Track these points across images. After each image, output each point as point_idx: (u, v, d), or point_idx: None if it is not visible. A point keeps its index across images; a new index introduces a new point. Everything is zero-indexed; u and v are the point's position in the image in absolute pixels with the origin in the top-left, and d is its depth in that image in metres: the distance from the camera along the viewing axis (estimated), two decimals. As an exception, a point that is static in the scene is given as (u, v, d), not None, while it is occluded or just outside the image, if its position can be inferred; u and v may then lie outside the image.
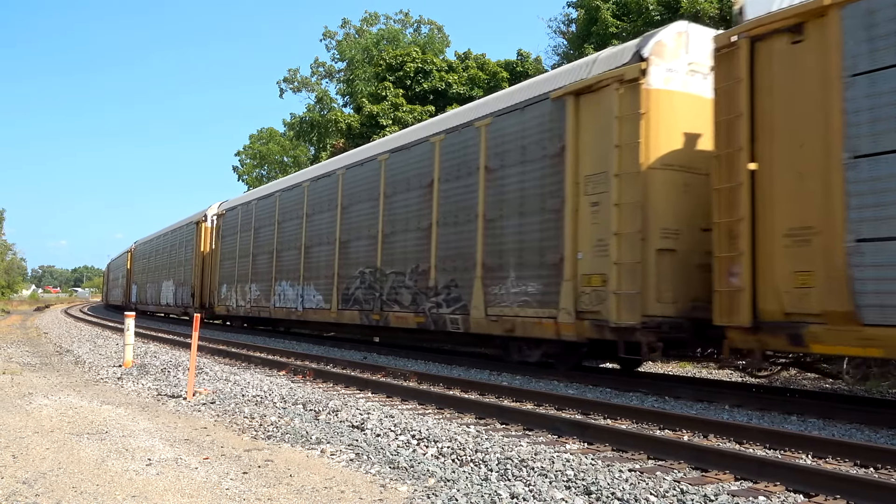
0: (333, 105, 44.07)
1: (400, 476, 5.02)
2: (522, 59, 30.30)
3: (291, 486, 4.75)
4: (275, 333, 22.57)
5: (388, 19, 44.52)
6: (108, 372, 11.42)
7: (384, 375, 11.14)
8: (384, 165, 15.59)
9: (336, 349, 16.61)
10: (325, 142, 40.50)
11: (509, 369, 11.87)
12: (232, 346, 16.91)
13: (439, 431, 6.52)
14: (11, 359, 13.67)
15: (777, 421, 7.48)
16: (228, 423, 7.09)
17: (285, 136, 54.11)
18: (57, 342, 18.65)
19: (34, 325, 29.59)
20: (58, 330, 25.00)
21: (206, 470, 5.12)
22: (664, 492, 4.60)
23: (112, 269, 61.75)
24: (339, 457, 5.63)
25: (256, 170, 57.04)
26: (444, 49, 40.75)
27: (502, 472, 5.11)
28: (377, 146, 16.86)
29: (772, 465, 5.09)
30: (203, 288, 27.77)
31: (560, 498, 4.44)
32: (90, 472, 5.01)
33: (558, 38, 29.44)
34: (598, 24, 22.14)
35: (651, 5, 19.84)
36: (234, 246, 24.38)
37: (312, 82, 48.82)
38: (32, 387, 9.55)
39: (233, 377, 10.55)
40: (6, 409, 7.64)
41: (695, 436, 6.61)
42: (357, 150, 18.39)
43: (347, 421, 7.11)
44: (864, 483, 4.58)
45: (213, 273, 26.28)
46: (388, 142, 16.41)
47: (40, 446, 5.83)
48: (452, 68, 30.35)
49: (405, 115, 27.79)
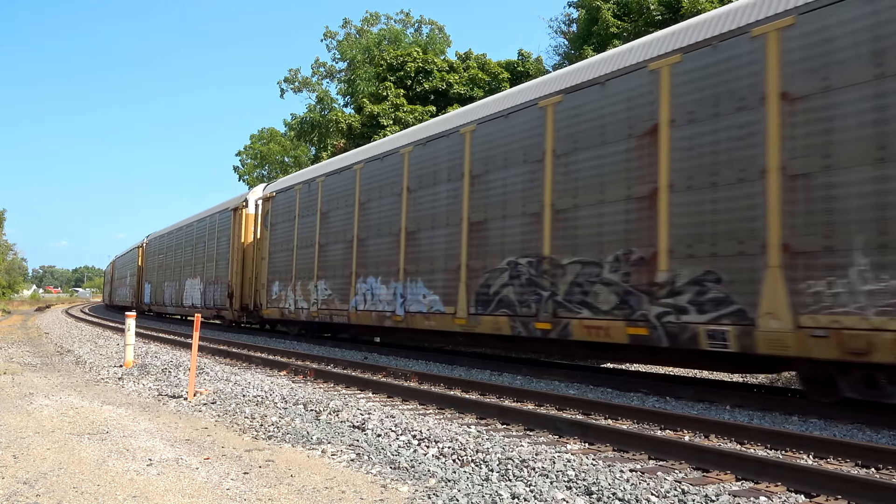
0: (334, 105, 44.09)
1: (401, 476, 5.02)
2: (523, 59, 30.30)
3: (292, 486, 4.75)
4: (277, 333, 22.26)
5: (389, 19, 44.54)
6: (109, 372, 11.43)
7: (385, 375, 11.14)
8: (551, 111, 11.05)
9: (337, 349, 16.60)
10: (326, 142, 40.49)
11: (511, 369, 11.84)
12: (233, 346, 16.92)
13: (440, 432, 6.52)
14: (12, 359, 13.68)
15: (778, 421, 7.48)
16: (229, 424, 7.09)
17: (286, 136, 54.17)
18: (58, 342, 18.65)
19: (35, 325, 29.60)
20: (58, 330, 25.01)
21: (207, 470, 5.12)
22: (665, 492, 4.60)
23: (118, 266, 55.15)
24: (339, 457, 5.63)
25: (257, 170, 57.10)
26: (445, 49, 40.72)
27: (503, 473, 5.11)
28: (538, 86, 11.95)
29: (773, 465, 5.08)
30: (244, 286, 23.40)
31: (561, 498, 4.44)
32: (91, 472, 5.01)
33: (559, 38, 29.49)
34: (598, 24, 22.14)
35: (652, 5, 19.84)
36: (289, 235, 19.77)
37: (313, 82, 48.81)
38: (33, 387, 9.55)
39: (234, 377, 10.55)
40: (7, 409, 7.64)
41: (696, 436, 6.61)
42: (492, 99, 13.33)
43: (348, 421, 7.11)
44: (865, 483, 4.57)
45: (260, 269, 21.66)
46: (559, 79, 11.46)
47: (41, 446, 5.83)
48: (453, 68, 30.34)
49: (406, 115, 27.79)
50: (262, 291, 21.13)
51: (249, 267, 23.08)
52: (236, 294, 23.54)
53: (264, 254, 21.24)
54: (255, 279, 22.22)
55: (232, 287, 23.82)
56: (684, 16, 16.76)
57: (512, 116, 11.96)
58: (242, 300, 23.24)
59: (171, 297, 32.57)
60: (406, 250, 14.32)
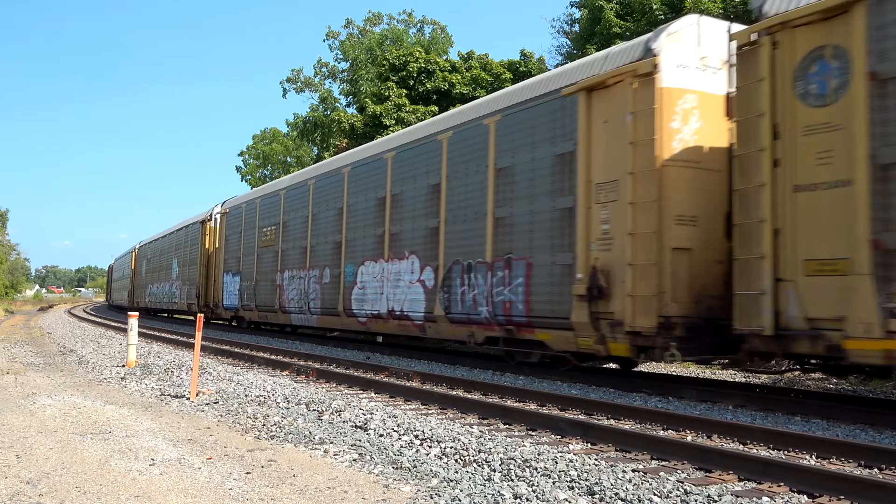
0: (337, 105, 44.07)
1: (403, 476, 5.02)
2: (526, 59, 30.27)
3: (295, 486, 4.75)
4: (278, 333, 22.41)
5: (392, 19, 44.49)
6: (112, 372, 11.44)
7: (387, 375, 11.14)
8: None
9: (339, 349, 16.61)
10: (329, 142, 40.50)
11: (513, 369, 11.85)
12: (235, 346, 16.93)
13: (442, 431, 6.52)
14: (15, 359, 13.70)
15: (781, 421, 7.47)
16: (232, 424, 7.09)
17: (288, 136, 54.14)
18: (60, 342, 18.69)
19: (38, 325, 29.65)
20: (61, 330, 25.05)
21: (210, 470, 5.13)
22: (668, 492, 4.60)
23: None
24: (342, 457, 5.63)
25: (260, 170, 57.11)
26: (448, 49, 40.68)
27: (505, 473, 5.11)
28: None
29: (775, 465, 5.08)
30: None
31: (563, 498, 4.44)
32: (93, 471, 5.02)
33: (562, 37, 29.46)
34: (601, 24, 22.12)
35: (655, 5, 19.82)
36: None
37: (316, 82, 48.79)
38: (36, 387, 9.56)
39: (236, 377, 10.56)
40: (10, 408, 7.66)
41: (698, 436, 6.60)
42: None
43: (350, 421, 7.11)
44: (867, 484, 4.56)
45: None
46: None
47: (44, 446, 5.84)
48: (456, 68, 30.32)
49: (408, 115, 27.78)
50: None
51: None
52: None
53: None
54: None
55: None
56: (687, 15, 16.75)
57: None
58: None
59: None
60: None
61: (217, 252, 26.30)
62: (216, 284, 25.83)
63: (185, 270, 30.51)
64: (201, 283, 27.44)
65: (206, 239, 27.63)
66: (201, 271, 27.63)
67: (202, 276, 27.51)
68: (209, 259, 27.28)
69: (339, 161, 18.13)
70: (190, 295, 29.11)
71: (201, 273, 27.60)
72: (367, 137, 27.52)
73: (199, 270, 27.86)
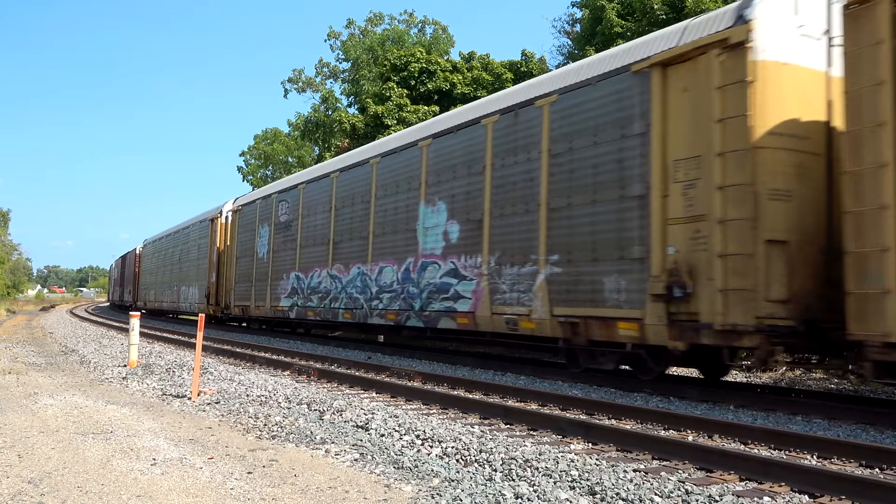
0: (338, 105, 44.08)
1: (404, 476, 5.02)
2: (527, 59, 30.27)
3: (296, 485, 4.76)
4: (279, 333, 22.45)
5: (393, 19, 44.50)
6: (113, 372, 11.45)
7: (388, 375, 11.14)
8: None
9: (340, 349, 16.62)
10: (330, 142, 40.51)
11: (514, 369, 11.84)
12: (236, 346, 16.94)
13: (443, 431, 6.52)
14: (17, 358, 13.72)
15: (782, 421, 7.46)
16: (233, 423, 7.10)
17: (290, 136, 54.14)
18: (62, 342, 18.71)
19: (39, 325, 29.68)
20: (63, 330, 25.07)
21: (211, 470, 5.13)
22: (669, 492, 4.60)
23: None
24: (343, 457, 5.63)
25: (261, 170, 57.11)
26: (449, 49, 40.67)
27: (506, 473, 5.11)
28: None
29: (777, 465, 5.08)
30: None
31: (564, 498, 4.44)
32: (95, 471, 5.03)
33: (563, 38, 29.46)
34: (602, 24, 22.11)
35: (656, 5, 19.80)
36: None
37: (317, 83, 48.82)
38: (38, 386, 9.58)
39: (237, 377, 10.57)
40: (12, 408, 7.67)
41: (699, 436, 6.60)
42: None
43: (352, 421, 7.11)
44: (869, 484, 4.56)
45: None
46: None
47: (45, 446, 5.85)
48: (457, 69, 30.32)
49: (409, 115, 27.79)
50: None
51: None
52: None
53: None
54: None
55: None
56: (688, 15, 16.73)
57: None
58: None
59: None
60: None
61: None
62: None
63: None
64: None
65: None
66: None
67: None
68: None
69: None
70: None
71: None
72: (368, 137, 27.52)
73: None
